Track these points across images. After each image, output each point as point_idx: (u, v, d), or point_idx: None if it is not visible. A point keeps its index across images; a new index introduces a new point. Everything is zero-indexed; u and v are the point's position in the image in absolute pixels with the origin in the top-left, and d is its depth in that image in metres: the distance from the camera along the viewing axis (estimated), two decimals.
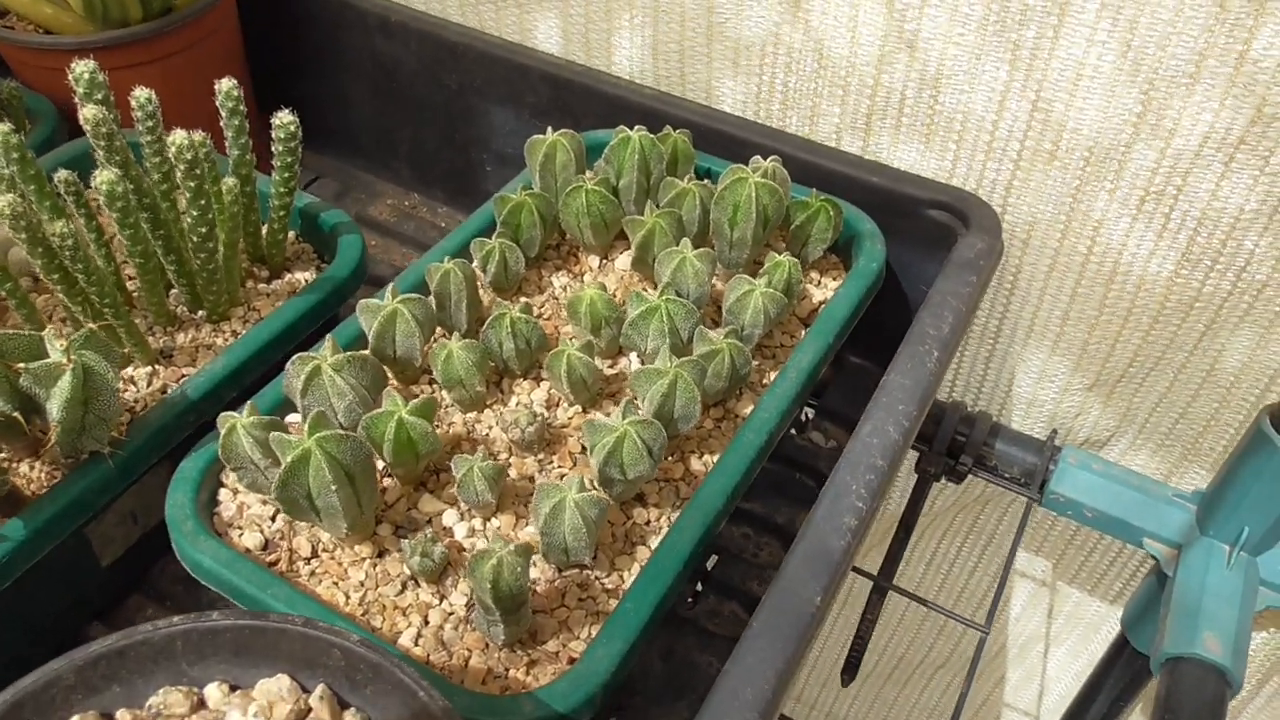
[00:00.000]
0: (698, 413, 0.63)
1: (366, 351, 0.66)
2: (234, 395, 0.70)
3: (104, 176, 0.63)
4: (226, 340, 0.75)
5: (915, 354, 0.68)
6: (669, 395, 0.62)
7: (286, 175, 0.73)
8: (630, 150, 0.77)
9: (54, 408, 0.58)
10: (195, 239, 0.69)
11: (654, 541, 0.62)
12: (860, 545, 0.61)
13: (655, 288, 0.77)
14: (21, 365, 0.57)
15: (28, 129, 0.88)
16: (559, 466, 0.66)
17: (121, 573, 0.73)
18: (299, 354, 0.63)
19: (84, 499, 0.63)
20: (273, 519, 0.64)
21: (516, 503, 0.64)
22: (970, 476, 0.89)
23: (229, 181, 0.71)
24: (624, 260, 0.80)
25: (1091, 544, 1.01)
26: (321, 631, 0.45)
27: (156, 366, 0.72)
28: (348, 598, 0.59)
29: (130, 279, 0.77)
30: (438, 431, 0.63)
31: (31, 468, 0.65)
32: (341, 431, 0.56)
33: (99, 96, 0.66)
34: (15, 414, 0.59)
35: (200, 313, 0.77)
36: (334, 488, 0.55)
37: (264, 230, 0.79)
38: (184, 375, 0.72)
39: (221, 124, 0.73)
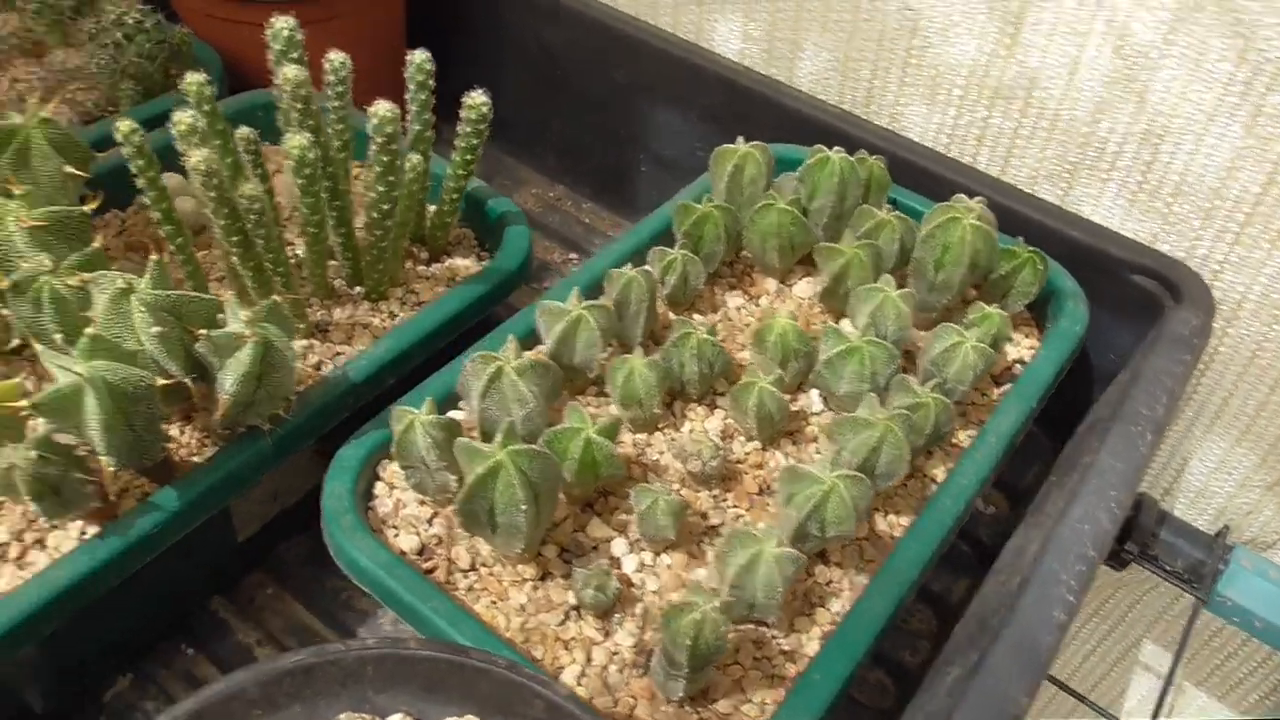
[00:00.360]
0: (903, 471, 0.58)
1: (546, 357, 0.62)
2: (392, 381, 0.67)
3: (296, 141, 0.59)
4: (383, 321, 0.72)
5: (1128, 435, 0.63)
6: (876, 449, 0.57)
7: (468, 159, 0.69)
8: (829, 172, 0.72)
9: (228, 380, 0.54)
10: (375, 215, 0.65)
11: (834, 604, 0.58)
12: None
13: (837, 320, 0.73)
14: (202, 332, 0.53)
15: None
16: (734, 505, 0.62)
17: (250, 548, 0.70)
18: (481, 352, 0.59)
19: (240, 474, 0.59)
20: (429, 522, 0.60)
21: (689, 540, 0.59)
22: (1132, 564, 0.83)
23: (414, 158, 0.67)
24: (804, 287, 0.75)
25: (1234, 646, 0.95)
26: (526, 679, 0.41)
27: (312, 341, 0.69)
28: (507, 621, 0.55)
29: (289, 245, 0.74)
30: None
31: (181, 432, 0.62)
32: (534, 448, 0.52)
33: (295, 55, 0.63)
34: (186, 380, 0.55)
35: (358, 289, 0.73)
36: (523, 507, 0.51)
37: (430, 211, 0.75)
38: (339, 353, 0.69)
39: (407, 97, 0.69)
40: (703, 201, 0.72)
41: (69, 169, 0.62)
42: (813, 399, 0.68)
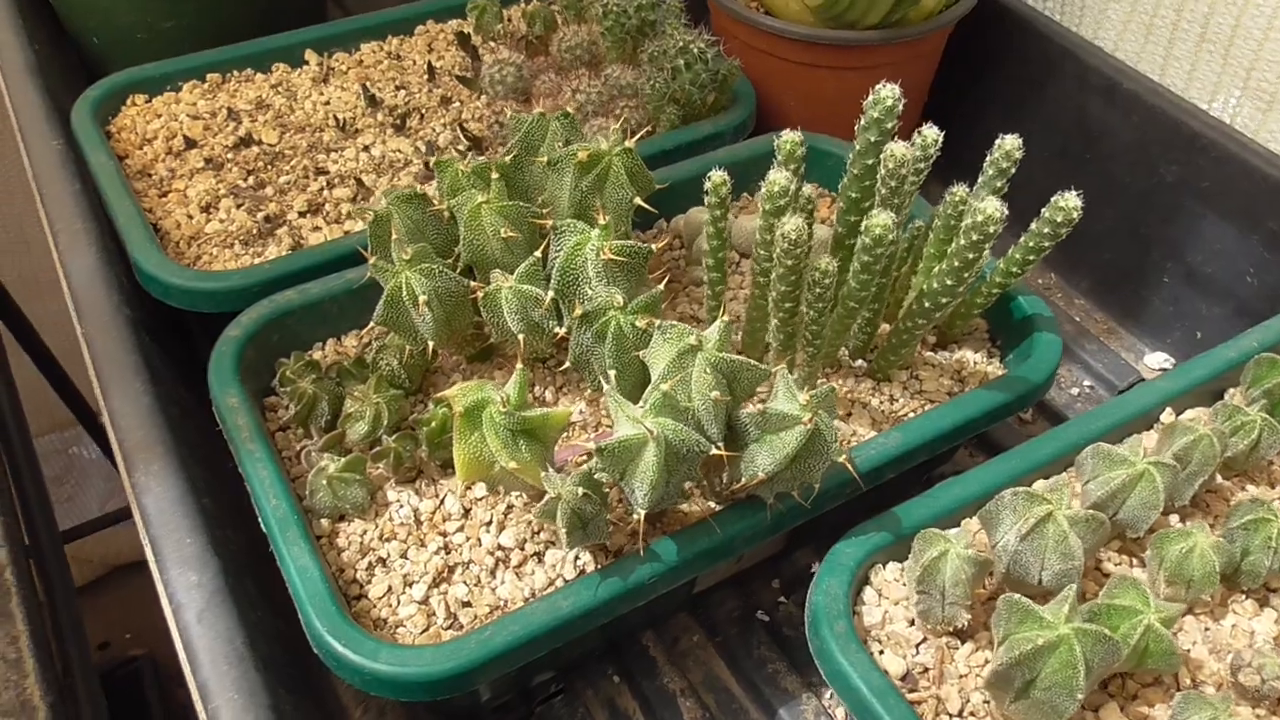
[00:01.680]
0: None
1: (1096, 511, 0.54)
2: (891, 475, 0.63)
3: (880, 220, 0.56)
4: (882, 403, 0.68)
5: None
6: None
7: (1030, 259, 0.63)
8: None
9: (765, 458, 0.52)
10: (927, 304, 0.61)
11: None
12: None
13: None
14: (759, 405, 0.52)
15: (725, 107, 0.85)
16: None
17: (691, 593, 0.69)
18: (1022, 489, 0.53)
19: (737, 541, 0.58)
20: (917, 647, 0.55)
21: None
22: None
23: (992, 209, 0.60)
24: None
25: None
26: None
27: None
28: None
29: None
30: None
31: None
32: (1103, 631, 0.45)
33: (891, 125, 0.59)
34: (719, 444, 0.54)
35: (860, 362, 0.69)
36: (1078, 695, 0.44)
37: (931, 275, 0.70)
38: (836, 428, 0.66)
39: (981, 179, 0.64)
40: None
41: (639, 201, 0.63)
42: None
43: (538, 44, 0.89)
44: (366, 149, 0.81)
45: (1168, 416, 0.66)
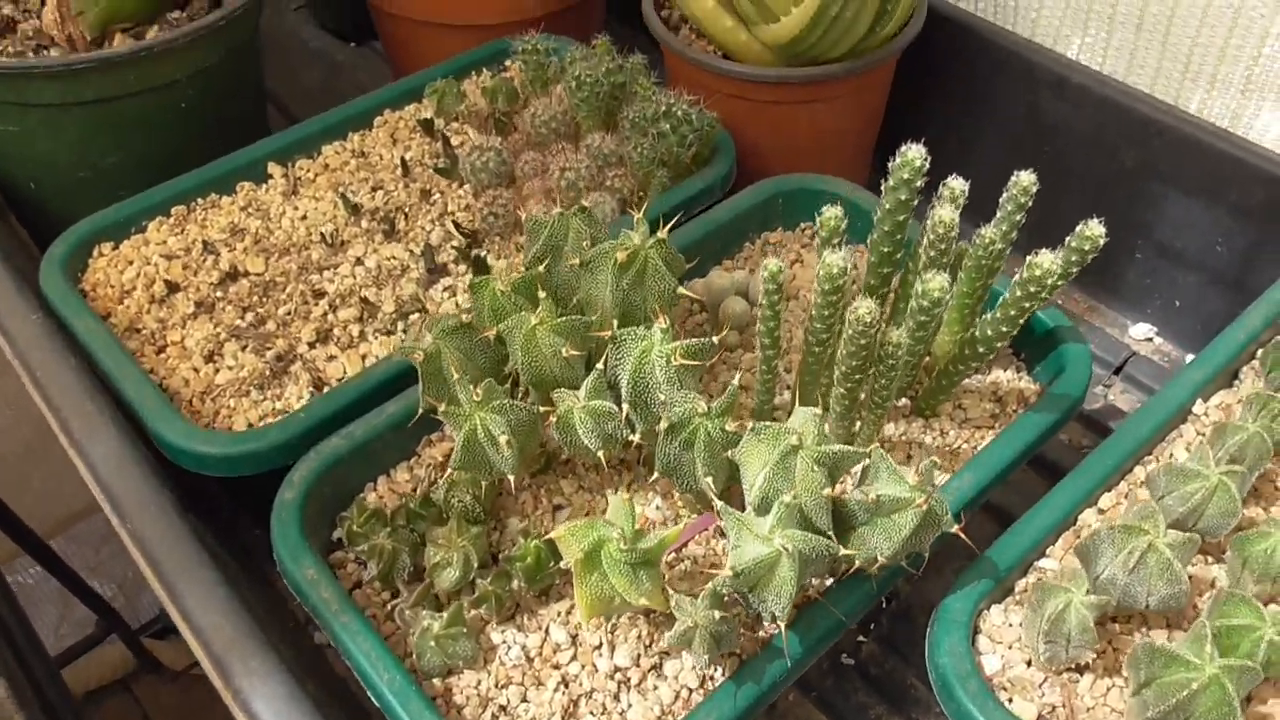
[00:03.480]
0: None
1: (1179, 529, 0.57)
2: (968, 515, 0.64)
3: (938, 282, 0.57)
4: (934, 439, 0.70)
5: None
6: None
7: (1070, 273, 0.65)
8: None
9: (884, 543, 0.53)
10: (969, 351, 0.63)
11: None
12: None
13: None
14: (876, 493, 0.52)
15: (707, 159, 0.85)
16: None
17: None
18: (1125, 525, 0.55)
19: (850, 613, 0.58)
20: (1041, 688, 0.57)
21: None
22: None
23: (1048, 263, 0.62)
24: None
25: None
26: None
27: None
28: None
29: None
30: None
31: None
32: (1245, 664, 0.47)
33: (919, 184, 0.61)
34: (830, 533, 0.54)
35: (903, 400, 0.71)
36: None
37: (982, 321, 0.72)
38: None
39: (999, 215, 0.66)
40: None
41: (683, 290, 0.63)
42: None
43: (506, 121, 0.87)
44: (360, 261, 0.78)
45: (1199, 407, 0.70)
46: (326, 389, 0.70)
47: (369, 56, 1.25)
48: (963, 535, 0.55)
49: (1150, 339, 0.94)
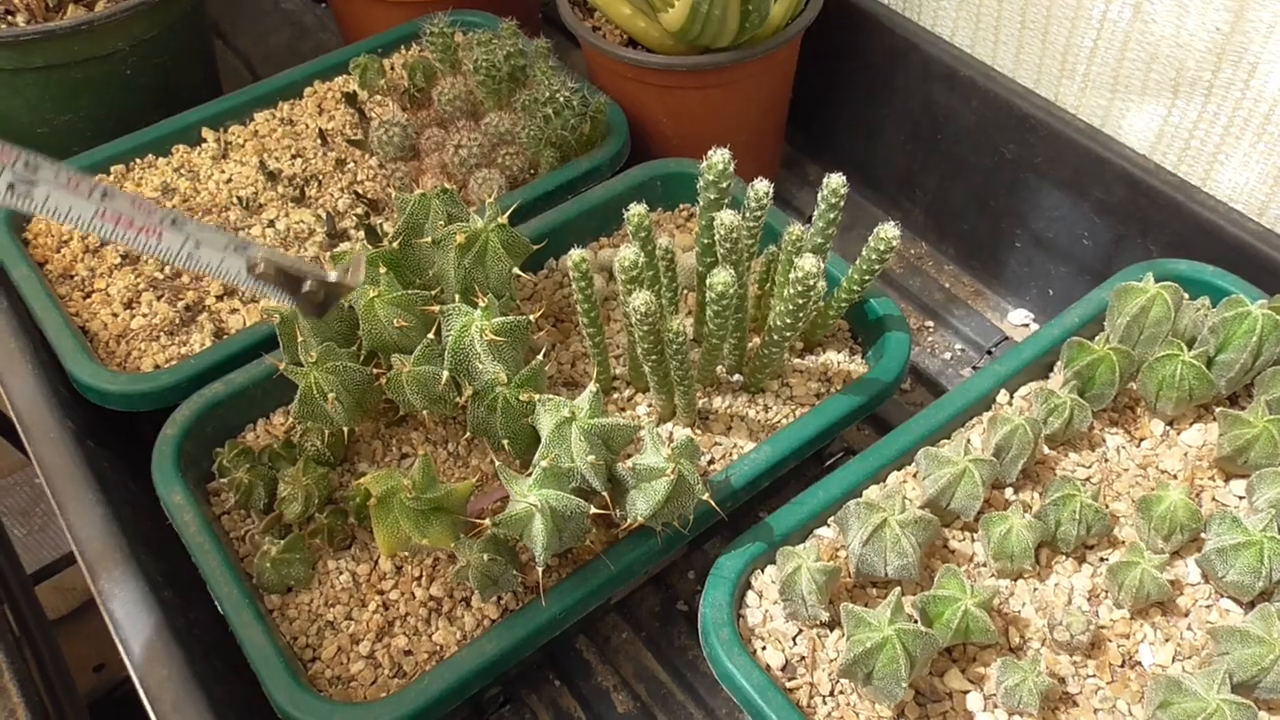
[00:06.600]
0: None
1: (927, 511, 0.64)
2: (765, 485, 0.72)
3: (721, 278, 0.64)
4: (758, 413, 0.76)
5: None
6: (1266, 670, 0.55)
7: (875, 270, 0.71)
8: (1246, 329, 0.68)
9: (642, 504, 0.61)
10: (778, 334, 0.69)
11: None
12: None
13: (1227, 481, 0.69)
14: (630, 463, 0.60)
15: (598, 140, 0.91)
16: (1094, 675, 0.62)
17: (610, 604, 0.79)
18: (865, 501, 0.62)
19: (633, 567, 0.67)
20: (794, 640, 0.65)
21: (1045, 707, 0.61)
22: None
23: (810, 265, 0.68)
24: (1194, 435, 0.72)
25: None
26: None
27: (695, 430, 0.75)
28: None
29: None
30: None
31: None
32: (921, 630, 0.55)
33: (725, 186, 0.67)
34: (605, 493, 0.62)
35: (737, 376, 0.78)
36: (903, 683, 0.55)
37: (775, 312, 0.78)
38: (717, 443, 0.75)
39: (815, 214, 0.72)
40: (1097, 340, 0.71)
41: (517, 270, 0.71)
42: (1189, 569, 0.66)
43: (420, 97, 0.94)
44: (272, 224, 0.87)
45: (1003, 397, 0.75)
46: (226, 338, 0.79)
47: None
48: (711, 503, 0.62)
49: (1027, 325, 0.98)
